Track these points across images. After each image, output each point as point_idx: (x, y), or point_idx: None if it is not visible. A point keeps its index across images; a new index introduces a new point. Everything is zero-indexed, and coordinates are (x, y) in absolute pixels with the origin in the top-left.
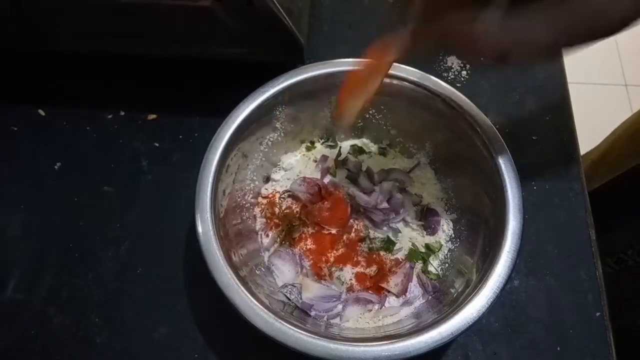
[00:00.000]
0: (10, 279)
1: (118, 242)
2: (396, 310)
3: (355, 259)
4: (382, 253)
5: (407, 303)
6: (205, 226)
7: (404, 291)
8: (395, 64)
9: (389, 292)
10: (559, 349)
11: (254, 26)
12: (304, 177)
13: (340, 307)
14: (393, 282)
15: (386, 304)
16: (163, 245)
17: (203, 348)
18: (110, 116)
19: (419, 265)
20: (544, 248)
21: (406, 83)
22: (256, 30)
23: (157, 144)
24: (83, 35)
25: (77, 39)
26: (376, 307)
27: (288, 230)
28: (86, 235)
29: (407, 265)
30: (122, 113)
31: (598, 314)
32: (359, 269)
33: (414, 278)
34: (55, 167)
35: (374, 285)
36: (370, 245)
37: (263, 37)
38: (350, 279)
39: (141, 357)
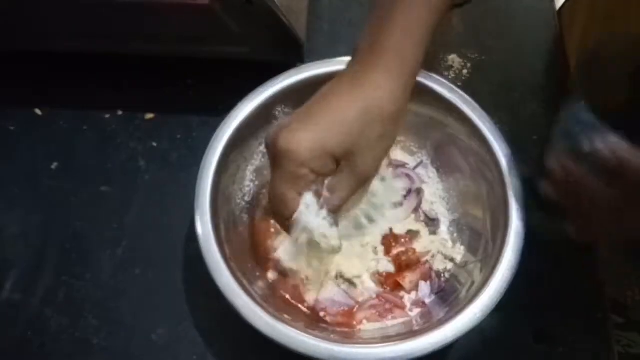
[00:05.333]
0: (8, 279)
1: (116, 242)
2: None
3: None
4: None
5: (416, 303)
6: (205, 228)
7: (414, 288)
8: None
9: (403, 289)
10: (561, 350)
11: (253, 25)
12: None
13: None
14: (408, 280)
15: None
16: (161, 245)
17: (202, 349)
18: (107, 116)
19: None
20: (544, 249)
21: None
22: (256, 29)
23: (155, 144)
24: (80, 35)
25: (75, 38)
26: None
27: None
28: (84, 236)
29: (427, 266)
30: (120, 113)
31: (600, 315)
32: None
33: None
34: (53, 167)
35: (393, 282)
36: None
37: (262, 36)
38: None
39: (139, 358)
